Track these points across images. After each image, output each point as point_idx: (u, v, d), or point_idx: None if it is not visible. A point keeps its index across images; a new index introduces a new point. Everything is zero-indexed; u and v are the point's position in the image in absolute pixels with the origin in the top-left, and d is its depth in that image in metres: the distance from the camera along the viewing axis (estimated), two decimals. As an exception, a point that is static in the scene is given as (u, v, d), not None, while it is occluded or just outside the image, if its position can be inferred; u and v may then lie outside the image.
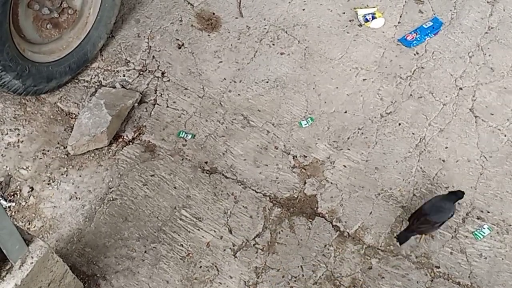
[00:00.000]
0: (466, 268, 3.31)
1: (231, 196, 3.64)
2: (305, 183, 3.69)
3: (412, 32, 4.28)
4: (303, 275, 3.33)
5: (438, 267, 3.33)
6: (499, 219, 3.46)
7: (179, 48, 4.31)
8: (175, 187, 3.69)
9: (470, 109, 3.93)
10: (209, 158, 3.79)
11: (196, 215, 3.56)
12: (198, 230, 3.51)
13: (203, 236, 3.48)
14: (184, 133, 3.88)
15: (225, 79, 4.15)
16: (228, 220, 3.55)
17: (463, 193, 3.30)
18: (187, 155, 3.81)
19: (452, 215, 3.26)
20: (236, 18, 4.48)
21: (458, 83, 4.05)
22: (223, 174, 3.72)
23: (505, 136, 3.77)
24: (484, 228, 3.40)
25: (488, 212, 3.49)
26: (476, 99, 3.96)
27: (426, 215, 3.22)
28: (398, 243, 3.32)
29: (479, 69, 4.10)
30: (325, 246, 3.45)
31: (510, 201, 3.51)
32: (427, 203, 3.31)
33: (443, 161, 3.71)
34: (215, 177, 3.71)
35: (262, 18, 4.47)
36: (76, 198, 3.65)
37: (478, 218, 3.48)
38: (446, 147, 3.77)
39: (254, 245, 3.45)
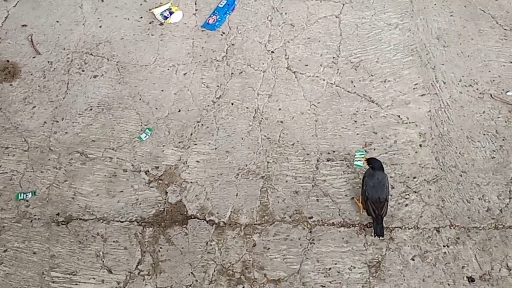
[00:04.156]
0: (334, 207, 3.56)
1: (97, 236, 3.45)
2: (166, 193, 3.63)
3: (212, 15, 4.39)
4: (196, 280, 3.31)
5: (311, 217, 3.53)
6: (345, 153, 3.76)
7: (-17, 108, 3.92)
8: (34, 253, 3.39)
9: (287, 68, 4.17)
10: (59, 209, 3.54)
11: (68, 271, 3.32)
12: (76, 284, 3.28)
13: (83, 289, 3.27)
14: (22, 194, 3.57)
15: (45, 122, 3.88)
16: (103, 261, 3.37)
17: (375, 160, 3.42)
18: (34, 215, 3.52)
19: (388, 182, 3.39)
20: (34, 57, 4.20)
21: (269, 47, 4.27)
22: (80, 219, 3.50)
23: (324, 80, 4.08)
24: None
25: (334, 151, 3.77)
26: (288, 56, 4.22)
27: (379, 200, 3.31)
28: (380, 237, 3.35)
29: (282, 29, 4.36)
30: (207, 243, 3.45)
31: (347, 135, 3.83)
32: (368, 191, 3.34)
33: (281, 122, 3.91)
34: (73, 225, 3.48)
35: (62, 49, 4.24)
36: None
37: (328, 160, 3.74)
38: (280, 109, 3.97)
39: (139, 273, 3.33)
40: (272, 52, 4.23)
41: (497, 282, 3.28)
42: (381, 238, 3.36)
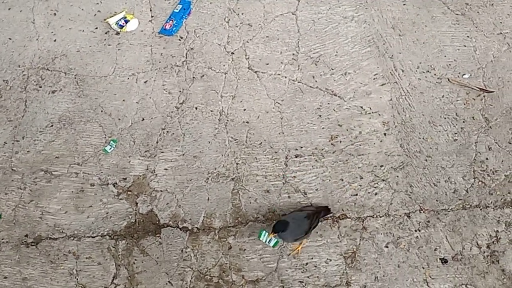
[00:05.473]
0: (306, 202, 3.58)
1: (69, 254, 3.38)
2: (136, 204, 3.59)
3: (168, 20, 4.35)
4: (174, 289, 3.28)
5: (285, 215, 3.54)
6: (312, 148, 3.79)
7: None
8: (5, 277, 3.30)
9: (248, 68, 4.17)
10: (27, 230, 3.46)
11: (42, 293, 3.24)
12: (51, 306, 3.21)
13: (59, 309, 3.20)
14: (-13, 218, 3.47)
15: (5, 143, 3.78)
16: (77, 279, 3.31)
17: (279, 224, 3.20)
18: (2, 239, 3.43)
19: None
20: (-12, 76, 4.08)
21: (228, 49, 4.25)
22: (50, 238, 3.43)
23: (285, 77, 4.10)
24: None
25: (301, 147, 3.79)
26: (249, 56, 4.21)
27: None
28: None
29: (240, 30, 4.36)
30: (182, 250, 3.43)
31: (313, 130, 3.86)
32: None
33: (247, 122, 3.91)
34: (43, 245, 3.41)
35: (16, 66, 4.13)
36: None
37: (296, 156, 3.76)
38: (244, 109, 3.97)
39: (115, 288, 3.29)
40: (232, 53, 4.23)
41: (469, 261, 3.36)
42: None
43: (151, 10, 4.43)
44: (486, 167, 3.67)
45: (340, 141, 3.79)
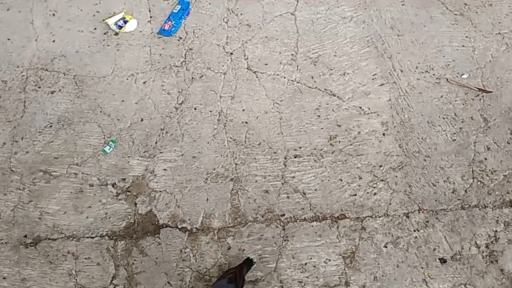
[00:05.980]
0: (305, 203, 3.59)
1: (68, 255, 3.39)
2: (135, 204, 3.59)
3: (167, 21, 4.35)
4: (174, 289, 3.29)
5: (283, 215, 3.55)
6: (311, 148, 3.79)
7: None
8: (4, 278, 3.30)
9: (247, 68, 4.17)
10: (26, 230, 3.46)
11: (41, 293, 3.24)
12: (50, 306, 3.21)
13: (58, 310, 3.20)
14: (-14, 219, 3.46)
15: (4, 143, 3.78)
16: (76, 279, 3.31)
17: None
18: (1, 239, 3.43)
19: None
20: (-13, 77, 4.08)
21: (227, 49, 4.26)
22: (49, 238, 3.43)
23: (284, 78, 4.10)
24: None
25: (300, 147, 3.79)
26: (248, 57, 4.22)
27: None
28: None
29: (239, 30, 4.36)
30: (181, 251, 3.43)
31: (312, 130, 3.86)
32: None
33: (246, 122, 3.91)
34: (42, 246, 3.41)
35: (15, 66, 4.13)
36: None
37: (295, 157, 3.76)
38: (243, 110, 3.97)
39: (114, 288, 3.29)
40: (231, 53, 4.23)
41: (468, 260, 3.37)
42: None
43: (150, 11, 4.43)
44: (485, 167, 3.67)
45: (339, 141, 3.80)
